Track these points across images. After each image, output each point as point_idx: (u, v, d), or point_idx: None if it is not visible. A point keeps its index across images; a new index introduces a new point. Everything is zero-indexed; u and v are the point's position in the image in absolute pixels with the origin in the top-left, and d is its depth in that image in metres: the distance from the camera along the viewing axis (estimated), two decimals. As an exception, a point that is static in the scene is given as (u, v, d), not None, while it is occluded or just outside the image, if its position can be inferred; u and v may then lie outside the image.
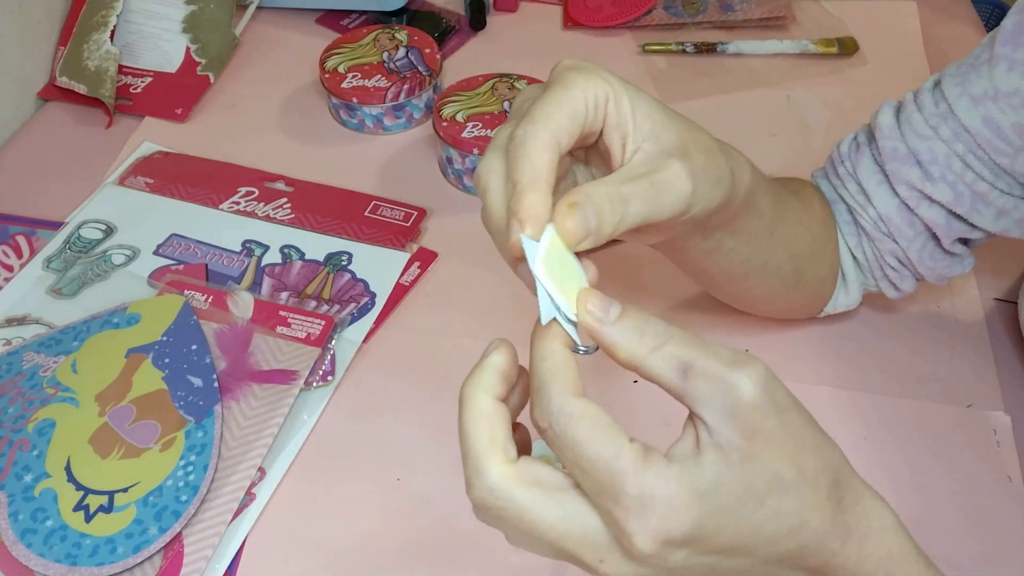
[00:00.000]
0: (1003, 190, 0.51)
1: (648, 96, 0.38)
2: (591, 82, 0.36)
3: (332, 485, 0.55)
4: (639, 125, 0.36)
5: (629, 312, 0.33)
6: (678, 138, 0.37)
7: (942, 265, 0.55)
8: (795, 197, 0.53)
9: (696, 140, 0.38)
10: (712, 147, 0.39)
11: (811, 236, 0.54)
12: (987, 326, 0.63)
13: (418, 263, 0.67)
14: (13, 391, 0.56)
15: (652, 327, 0.33)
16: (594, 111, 0.36)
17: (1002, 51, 0.49)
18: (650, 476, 0.31)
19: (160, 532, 0.50)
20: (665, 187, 0.36)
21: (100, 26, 0.82)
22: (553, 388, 0.32)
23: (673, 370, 0.32)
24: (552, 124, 0.34)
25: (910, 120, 0.53)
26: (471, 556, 0.51)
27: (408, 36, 0.80)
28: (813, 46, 0.85)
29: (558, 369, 0.32)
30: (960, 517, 0.53)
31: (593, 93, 0.36)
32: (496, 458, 0.33)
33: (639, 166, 0.36)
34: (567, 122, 0.35)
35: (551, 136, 0.34)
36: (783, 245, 0.51)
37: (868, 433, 0.57)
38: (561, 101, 0.35)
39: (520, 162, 0.34)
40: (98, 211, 0.70)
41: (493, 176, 0.35)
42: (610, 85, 0.36)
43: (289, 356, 0.59)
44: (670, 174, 0.36)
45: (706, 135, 0.40)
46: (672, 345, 0.32)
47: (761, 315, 0.60)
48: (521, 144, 0.34)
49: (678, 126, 0.38)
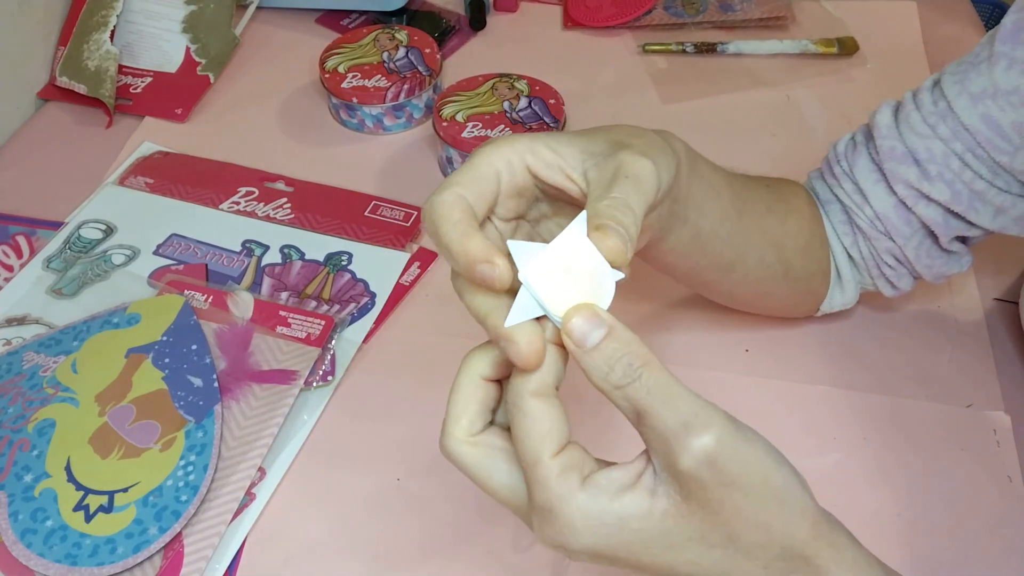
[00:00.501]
0: (1001, 188, 0.51)
1: (556, 133, 0.39)
2: (497, 148, 0.37)
3: (332, 485, 0.55)
4: (567, 154, 0.37)
5: (611, 339, 0.33)
6: (608, 140, 0.38)
7: (939, 263, 0.55)
8: (766, 188, 0.54)
9: (621, 131, 0.39)
10: (636, 130, 0.40)
11: (789, 228, 0.54)
12: (987, 326, 0.63)
13: (418, 263, 0.67)
14: (13, 391, 0.56)
15: (625, 362, 0.32)
16: (508, 171, 0.37)
17: (1002, 49, 0.49)
18: (557, 492, 0.32)
19: (160, 532, 0.50)
20: (638, 174, 0.36)
21: (100, 26, 0.82)
22: (517, 383, 0.33)
23: (630, 411, 0.33)
24: (459, 188, 0.35)
25: (908, 119, 0.53)
26: (471, 556, 0.51)
27: (408, 36, 0.80)
28: (813, 46, 0.85)
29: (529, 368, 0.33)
30: (960, 517, 0.53)
31: (500, 156, 0.37)
32: (461, 423, 0.35)
33: (604, 176, 0.36)
34: (472, 184, 0.36)
35: (455, 196, 0.35)
36: (756, 230, 0.51)
37: (868, 433, 0.57)
38: (465, 169, 0.36)
39: (441, 226, 0.34)
40: (98, 211, 0.70)
41: (457, 278, 0.37)
42: (518, 143, 0.37)
43: (289, 356, 0.59)
44: (632, 163, 0.36)
45: (627, 126, 0.40)
46: (635, 388, 0.32)
47: (756, 312, 0.60)
48: (432, 212, 0.35)
49: (601, 134, 0.39)
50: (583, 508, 0.32)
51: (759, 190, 0.53)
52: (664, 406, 0.32)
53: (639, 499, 0.32)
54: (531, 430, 0.33)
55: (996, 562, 0.51)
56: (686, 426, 0.31)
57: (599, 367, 0.33)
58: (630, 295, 0.64)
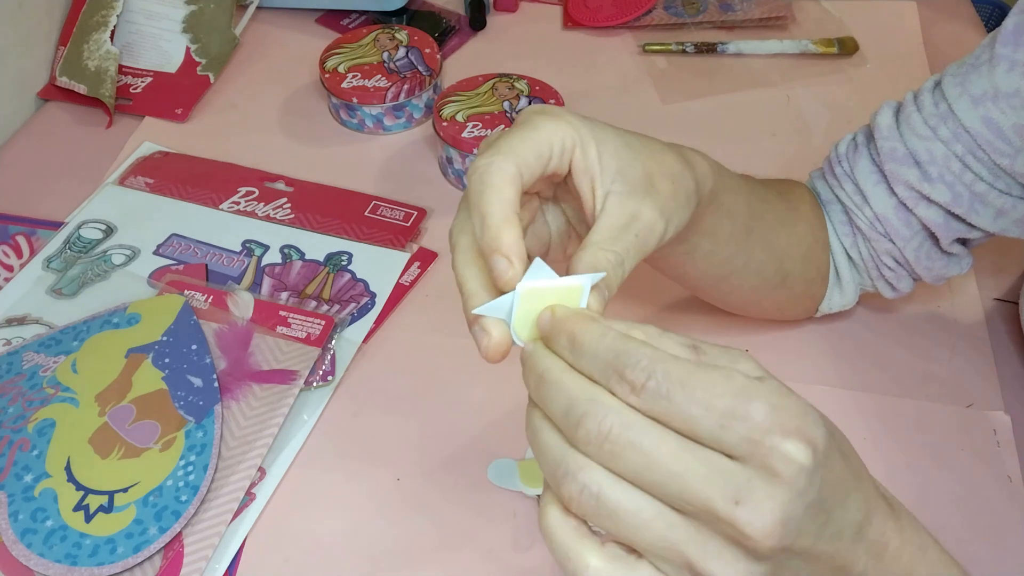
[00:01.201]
0: (1002, 190, 0.51)
1: (613, 132, 0.39)
2: (559, 127, 0.37)
3: (332, 485, 0.55)
4: (606, 166, 0.37)
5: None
6: (643, 171, 0.38)
7: (939, 265, 0.55)
8: (780, 198, 0.53)
9: (660, 167, 0.39)
10: (675, 169, 0.40)
11: (796, 237, 0.54)
12: (987, 326, 0.63)
13: (418, 263, 0.67)
14: (13, 391, 0.56)
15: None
16: (559, 155, 0.37)
17: (1003, 51, 0.49)
18: (768, 387, 0.29)
19: (160, 532, 0.50)
20: (647, 237, 0.37)
21: (100, 26, 0.82)
22: (635, 344, 0.30)
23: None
24: (517, 158, 0.35)
25: (909, 120, 0.53)
26: (471, 556, 0.51)
27: (408, 36, 0.80)
28: (813, 46, 0.85)
29: (623, 335, 0.31)
30: (960, 517, 0.53)
31: (560, 137, 0.36)
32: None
33: (617, 216, 0.37)
34: (532, 159, 0.35)
35: (515, 169, 0.35)
36: (763, 245, 0.51)
37: (868, 433, 0.57)
38: (528, 139, 0.36)
39: (488, 194, 0.34)
40: (98, 211, 0.70)
41: (462, 236, 0.36)
42: (577, 131, 0.37)
43: (289, 356, 0.59)
44: (645, 221, 0.37)
45: (670, 155, 0.40)
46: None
47: (751, 316, 0.60)
48: (487, 174, 0.34)
49: (643, 158, 0.38)
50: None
51: (772, 200, 0.52)
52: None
53: None
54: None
55: (996, 562, 0.51)
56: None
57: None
58: (630, 295, 0.64)
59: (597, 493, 0.29)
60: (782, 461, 0.28)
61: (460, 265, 0.36)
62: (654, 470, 0.29)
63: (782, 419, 0.28)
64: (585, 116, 0.38)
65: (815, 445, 0.28)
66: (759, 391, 0.29)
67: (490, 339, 0.34)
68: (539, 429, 0.32)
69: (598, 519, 0.30)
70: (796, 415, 0.29)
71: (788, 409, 0.29)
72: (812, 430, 0.29)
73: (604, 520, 0.30)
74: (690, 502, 0.28)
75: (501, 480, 0.54)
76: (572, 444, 0.30)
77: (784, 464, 0.28)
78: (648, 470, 0.29)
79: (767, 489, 0.28)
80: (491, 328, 0.34)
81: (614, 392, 0.30)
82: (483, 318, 0.34)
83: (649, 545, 0.29)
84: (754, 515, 0.28)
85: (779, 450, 0.28)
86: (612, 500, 0.29)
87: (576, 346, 0.31)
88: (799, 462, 0.28)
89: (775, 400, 0.29)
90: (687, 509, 0.29)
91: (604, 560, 0.30)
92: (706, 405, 0.28)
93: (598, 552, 0.30)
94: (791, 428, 0.28)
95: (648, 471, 0.29)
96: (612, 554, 0.30)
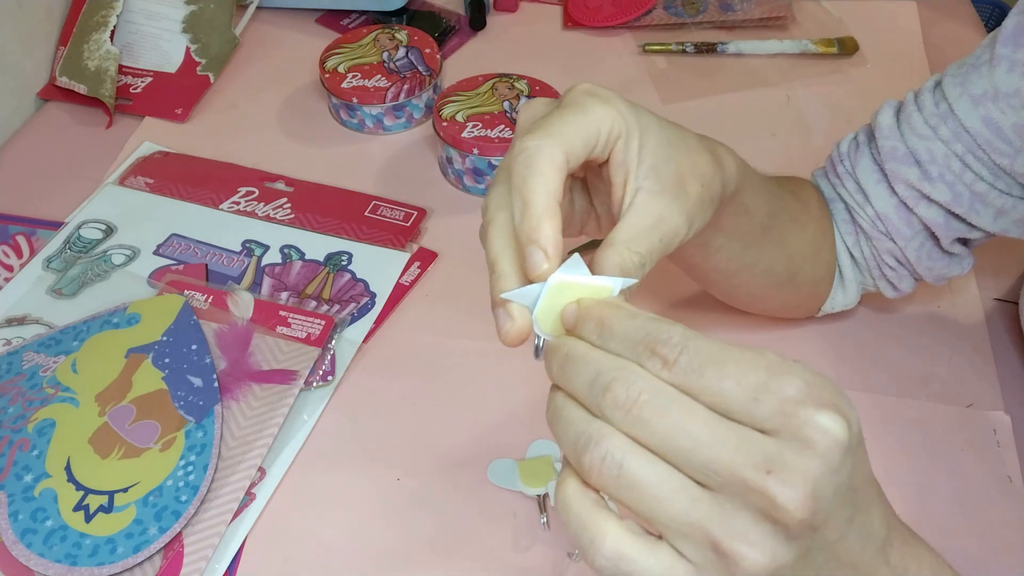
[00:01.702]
0: (1002, 190, 0.51)
1: (656, 125, 0.38)
2: (608, 114, 0.36)
3: (332, 485, 0.55)
4: (643, 160, 0.37)
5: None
6: (677, 171, 0.38)
7: (940, 265, 0.55)
8: (792, 196, 0.53)
9: (694, 167, 0.39)
10: (707, 171, 0.40)
11: (807, 236, 0.54)
12: (987, 326, 0.63)
13: (418, 263, 0.67)
14: (13, 391, 0.56)
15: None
16: (604, 144, 0.36)
17: (1003, 51, 0.49)
18: (800, 367, 0.29)
19: (160, 532, 0.50)
20: (670, 239, 0.37)
21: (100, 26, 0.82)
22: (667, 323, 0.30)
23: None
24: (566, 144, 0.35)
25: (910, 120, 0.53)
26: (471, 556, 0.51)
27: (408, 36, 0.80)
28: (813, 46, 0.85)
29: (654, 317, 0.31)
30: (960, 517, 0.53)
31: (609, 125, 0.36)
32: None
33: (645, 215, 0.36)
34: (579, 147, 0.35)
35: (563, 157, 0.34)
36: (776, 243, 0.51)
37: (868, 433, 0.56)
38: (578, 124, 0.35)
39: (533, 180, 0.34)
40: (98, 211, 0.70)
41: (500, 212, 0.36)
42: (625, 120, 0.37)
43: (289, 356, 0.59)
44: (671, 224, 0.37)
45: (704, 156, 0.40)
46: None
47: (755, 313, 0.60)
48: (535, 158, 0.34)
49: (679, 156, 0.38)
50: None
51: (786, 198, 0.52)
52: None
53: None
54: (728, 346, 0.30)
55: (996, 562, 0.51)
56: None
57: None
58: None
59: (620, 461, 0.28)
60: (817, 431, 0.27)
61: (494, 242, 0.35)
62: (683, 437, 0.28)
63: (817, 393, 0.28)
64: (631, 103, 0.38)
65: (849, 421, 0.28)
66: (792, 368, 0.28)
67: (513, 324, 0.34)
68: (561, 407, 0.31)
69: (619, 490, 0.29)
70: (831, 392, 0.28)
71: (823, 386, 0.28)
72: (847, 409, 0.28)
73: (625, 492, 0.29)
74: (718, 471, 0.27)
75: (501, 480, 0.54)
76: (598, 413, 0.29)
77: (820, 435, 0.27)
78: (676, 437, 0.28)
79: (800, 460, 0.27)
80: (516, 314, 0.34)
81: (644, 367, 0.29)
82: (509, 303, 0.34)
83: (671, 520, 0.28)
84: (786, 485, 0.27)
85: (814, 421, 0.27)
86: (635, 470, 0.28)
87: (605, 329, 0.31)
88: (834, 434, 0.27)
89: (809, 377, 0.28)
90: (714, 481, 0.28)
91: (623, 532, 0.29)
92: (738, 379, 0.28)
93: (617, 525, 0.29)
94: (826, 402, 0.28)
95: (676, 438, 0.28)
96: (632, 529, 0.29)
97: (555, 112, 0.36)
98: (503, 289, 0.34)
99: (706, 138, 0.42)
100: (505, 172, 0.36)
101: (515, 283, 0.34)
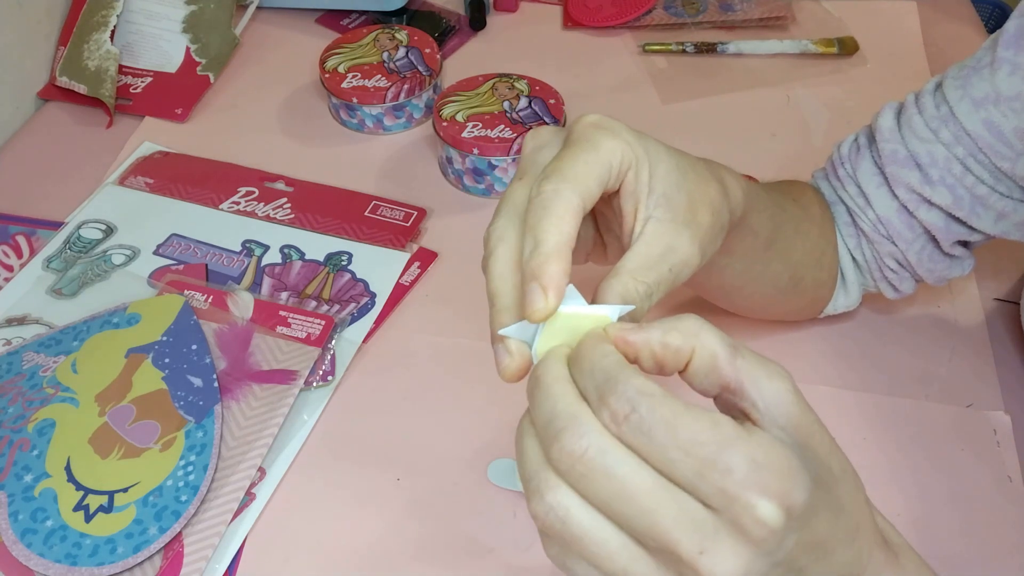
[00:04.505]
0: (1003, 193, 0.51)
1: (665, 153, 0.38)
2: (618, 147, 0.36)
3: (332, 485, 0.55)
4: (653, 189, 0.37)
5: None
6: (688, 199, 0.37)
7: (941, 267, 0.55)
8: (795, 203, 0.53)
9: (704, 196, 0.38)
10: (717, 201, 0.39)
11: (810, 243, 0.53)
12: (987, 326, 0.63)
13: (418, 263, 0.67)
14: (13, 391, 0.56)
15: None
16: (616, 177, 0.36)
17: (1004, 54, 0.49)
18: (756, 441, 0.28)
19: (160, 532, 0.50)
20: (680, 270, 0.37)
21: (100, 26, 0.82)
22: (627, 373, 0.30)
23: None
24: (582, 187, 0.34)
25: (910, 123, 0.52)
26: (471, 556, 0.51)
27: (408, 36, 0.80)
28: (813, 46, 0.85)
29: (622, 361, 0.31)
30: (960, 517, 0.53)
31: (619, 158, 0.36)
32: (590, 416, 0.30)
33: (654, 245, 0.36)
34: (595, 188, 0.35)
35: (580, 201, 0.34)
36: (780, 256, 0.51)
37: (868, 433, 0.57)
38: (590, 163, 0.35)
39: (548, 222, 0.33)
40: (98, 211, 0.70)
41: (502, 244, 0.35)
42: (633, 151, 0.36)
43: (289, 356, 0.59)
44: (681, 256, 0.36)
45: (713, 185, 0.39)
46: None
47: (759, 319, 0.60)
48: (552, 201, 0.33)
49: (689, 185, 0.38)
50: (782, 445, 0.29)
51: (789, 209, 0.52)
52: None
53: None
54: (681, 403, 0.30)
55: (996, 562, 0.51)
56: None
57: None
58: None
59: (564, 517, 0.29)
60: (753, 521, 0.27)
61: (496, 276, 0.35)
62: (624, 502, 0.28)
63: (762, 477, 0.28)
64: (638, 132, 0.37)
65: (791, 508, 0.28)
66: (744, 445, 0.28)
67: (511, 361, 0.34)
68: (524, 433, 0.31)
69: (563, 539, 0.29)
70: (778, 475, 0.28)
71: (771, 468, 0.28)
72: (792, 492, 0.28)
73: (569, 541, 0.29)
74: (656, 540, 0.28)
75: (501, 480, 0.54)
76: (548, 458, 0.30)
77: (754, 524, 0.27)
78: (618, 500, 0.28)
79: (734, 545, 0.28)
80: (514, 350, 0.34)
81: (599, 416, 0.29)
82: (508, 339, 0.34)
83: (611, 573, 0.29)
84: (717, 567, 0.27)
85: (752, 510, 0.27)
86: (578, 525, 0.29)
87: (576, 360, 0.31)
88: (769, 526, 0.27)
89: (760, 456, 0.28)
90: (651, 547, 0.28)
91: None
92: (687, 451, 0.28)
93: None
94: (770, 488, 0.28)
95: (618, 502, 0.28)
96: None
97: (568, 152, 0.35)
98: (502, 324, 0.34)
99: (712, 164, 0.42)
100: (509, 204, 0.36)
101: (514, 318, 0.34)
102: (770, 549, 0.28)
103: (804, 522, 0.29)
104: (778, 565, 0.29)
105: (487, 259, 0.36)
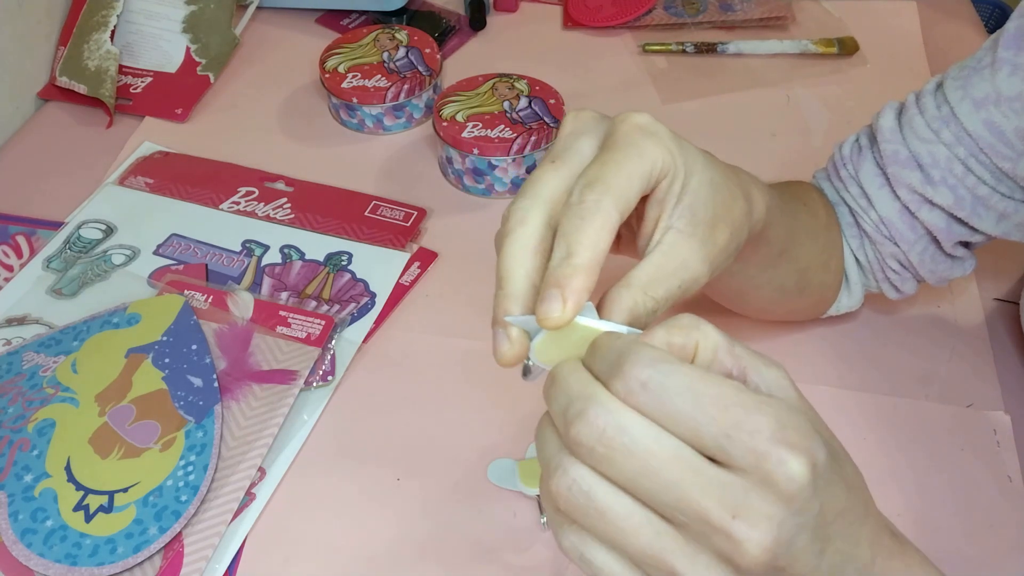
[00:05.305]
0: (1004, 194, 0.51)
1: (702, 165, 0.37)
2: (660, 155, 0.35)
3: (332, 485, 0.55)
4: (681, 200, 0.36)
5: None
6: (712, 216, 0.37)
7: (943, 267, 0.55)
8: (805, 209, 0.53)
9: (728, 214, 0.38)
10: (739, 220, 0.39)
11: (819, 247, 0.53)
12: (987, 326, 0.63)
13: (418, 263, 0.67)
14: (13, 391, 0.56)
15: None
16: (652, 184, 0.36)
17: (1005, 55, 0.49)
18: (776, 403, 0.29)
19: (160, 532, 0.50)
20: (690, 285, 0.36)
21: (100, 26, 0.82)
22: (641, 344, 0.30)
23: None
24: (623, 202, 0.34)
25: (911, 123, 0.52)
26: (471, 556, 0.51)
27: (408, 36, 0.80)
28: (813, 46, 0.85)
29: (635, 340, 0.31)
30: (960, 517, 0.53)
31: (661, 166, 0.35)
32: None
33: (669, 258, 0.36)
34: (634, 200, 0.34)
35: (619, 216, 0.34)
36: (790, 261, 0.51)
37: (868, 433, 0.57)
38: (634, 177, 0.34)
39: (584, 234, 0.33)
40: (98, 211, 0.70)
41: (521, 227, 0.35)
42: (673, 159, 0.36)
43: (289, 356, 0.59)
44: (695, 273, 0.36)
45: (739, 203, 0.39)
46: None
47: (763, 319, 0.60)
48: (592, 214, 0.33)
49: (717, 201, 0.37)
50: (795, 407, 0.31)
51: (800, 214, 0.51)
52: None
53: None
54: (701, 370, 0.30)
55: (996, 562, 0.51)
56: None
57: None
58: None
59: (588, 491, 0.29)
60: (786, 477, 0.28)
61: (508, 256, 0.34)
62: (649, 476, 0.28)
63: (788, 435, 0.28)
64: (680, 139, 0.37)
65: (816, 466, 0.28)
66: (768, 406, 0.28)
67: (510, 348, 0.34)
68: (543, 426, 0.31)
69: (586, 518, 0.29)
70: (802, 431, 0.28)
71: (795, 425, 0.28)
72: (816, 447, 0.28)
73: (592, 520, 0.29)
74: (684, 512, 0.28)
75: (501, 480, 0.54)
76: (567, 445, 0.30)
77: (787, 480, 0.28)
78: (643, 476, 0.28)
79: (765, 506, 0.28)
80: (515, 338, 0.34)
81: (615, 391, 0.29)
82: (511, 326, 0.34)
83: (636, 551, 0.29)
84: (752, 529, 0.27)
85: (783, 465, 0.28)
86: (602, 500, 0.29)
87: (590, 353, 0.31)
88: (799, 481, 0.28)
89: (783, 415, 0.28)
90: (679, 520, 0.28)
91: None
92: (712, 414, 0.28)
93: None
94: (796, 443, 0.28)
95: (642, 477, 0.28)
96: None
97: (613, 156, 0.35)
98: (507, 311, 0.34)
99: (742, 175, 0.41)
100: (536, 187, 0.35)
101: (521, 307, 0.34)
102: (800, 507, 0.28)
103: (827, 484, 0.29)
104: (806, 528, 0.29)
105: (503, 237, 0.35)
